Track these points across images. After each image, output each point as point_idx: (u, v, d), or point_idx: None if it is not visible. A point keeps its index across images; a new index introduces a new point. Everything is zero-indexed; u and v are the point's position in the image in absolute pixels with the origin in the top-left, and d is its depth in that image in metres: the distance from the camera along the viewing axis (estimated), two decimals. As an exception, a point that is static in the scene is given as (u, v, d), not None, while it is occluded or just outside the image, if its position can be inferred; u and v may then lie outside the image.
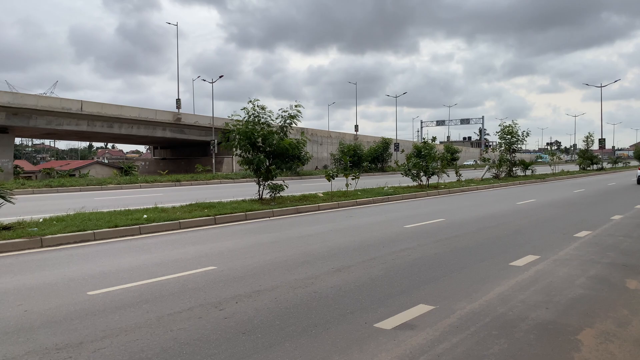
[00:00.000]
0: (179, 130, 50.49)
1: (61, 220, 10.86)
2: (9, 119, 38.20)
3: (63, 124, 41.58)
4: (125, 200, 18.11)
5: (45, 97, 47.87)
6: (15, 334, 4.63)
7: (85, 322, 4.96)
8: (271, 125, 16.27)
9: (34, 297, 5.85)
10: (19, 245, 8.86)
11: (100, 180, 28.55)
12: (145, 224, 10.88)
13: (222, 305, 5.51)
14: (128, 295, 5.94)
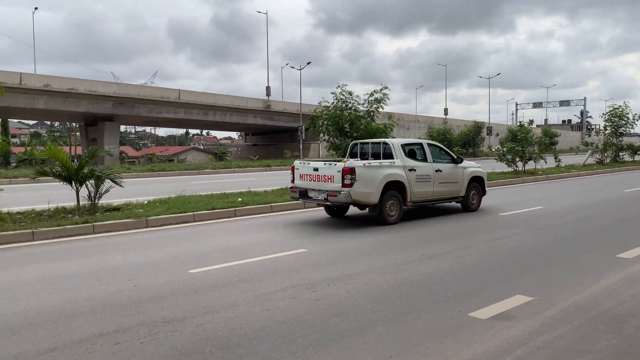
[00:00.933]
0: (268, 117, 51.88)
1: (164, 203, 11.61)
2: (115, 108, 41.26)
3: (162, 112, 44.22)
4: (220, 184, 18.97)
5: (147, 87, 51.19)
6: (127, 307, 5.03)
7: (188, 298, 5.28)
8: (358, 110, 16.23)
9: (142, 274, 6.31)
10: (128, 225, 9.60)
11: (197, 165, 30.13)
12: (240, 207, 11.35)
13: (314, 287, 5.63)
14: (226, 274, 6.24)
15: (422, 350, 3.96)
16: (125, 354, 3.90)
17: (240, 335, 4.28)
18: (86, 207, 10.51)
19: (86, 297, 5.34)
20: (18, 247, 8.08)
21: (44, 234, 8.64)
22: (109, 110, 41.13)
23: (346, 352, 3.93)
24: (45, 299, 5.30)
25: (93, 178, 10.52)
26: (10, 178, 20.49)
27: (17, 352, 3.94)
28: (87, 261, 7.04)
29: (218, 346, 4.05)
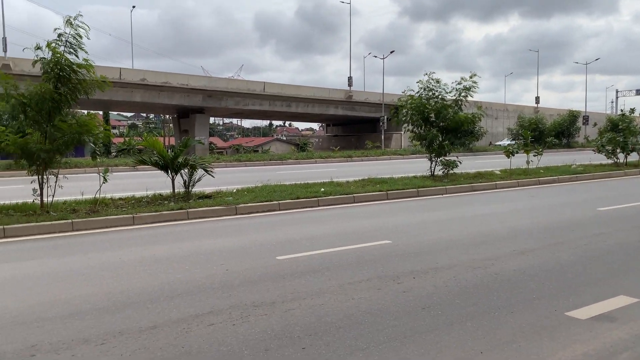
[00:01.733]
0: (350, 107, 51.92)
1: (251, 192, 12.00)
2: (205, 101, 43.17)
3: (248, 104, 45.64)
4: (303, 174, 19.28)
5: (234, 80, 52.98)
6: (219, 290, 5.26)
7: (276, 284, 5.43)
8: (445, 98, 15.78)
9: (233, 259, 6.58)
10: (218, 212, 10.03)
11: (281, 156, 30.83)
12: (323, 197, 11.48)
13: (399, 279, 5.58)
14: (311, 262, 6.35)
15: (514, 348, 3.81)
16: (219, 335, 4.08)
17: (327, 322, 4.34)
18: (180, 194, 11.11)
19: (182, 279, 5.65)
20: (120, 230, 8.71)
21: (143, 219, 9.25)
22: (200, 103, 43.10)
23: (434, 346, 3.86)
24: (146, 279, 5.67)
25: (187, 167, 11.08)
26: (112, 166, 22.12)
27: (122, 328, 4.25)
28: (182, 245, 7.44)
29: (306, 332, 4.13)
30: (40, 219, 8.73)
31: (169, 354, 3.75)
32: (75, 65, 9.48)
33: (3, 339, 4.00)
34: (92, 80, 9.78)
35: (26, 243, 7.73)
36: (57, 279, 5.69)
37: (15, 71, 31.36)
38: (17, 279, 5.67)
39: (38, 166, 9.46)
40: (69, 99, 9.56)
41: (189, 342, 3.95)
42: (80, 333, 4.13)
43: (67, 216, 8.90)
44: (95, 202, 10.10)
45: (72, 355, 3.74)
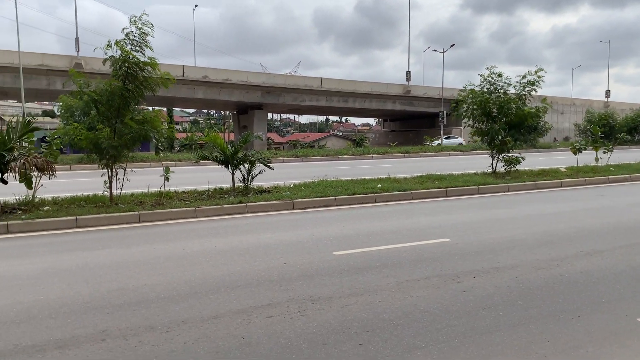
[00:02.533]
0: (407, 102, 51.24)
1: (307, 187, 12.11)
2: (263, 97, 43.92)
3: (305, 100, 45.99)
4: (359, 169, 19.24)
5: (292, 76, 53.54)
6: (278, 283, 5.35)
7: (332, 279, 5.45)
8: (508, 93, 15.26)
9: (290, 252, 6.66)
10: (276, 206, 10.19)
11: (337, 151, 30.87)
12: (380, 193, 11.41)
13: (459, 278, 5.46)
14: (368, 258, 6.33)
15: (582, 354, 3.65)
16: (277, 327, 4.15)
17: (384, 319, 4.32)
18: (240, 189, 11.37)
19: (242, 271, 5.79)
20: (183, 222, 9.02)
21: (205, 212, 9.54)
22: (258, 99, 43.88)
23: (495, 347, 3.76)
24: (208, 270, 5.85)
25: (247, 162, 11.32)
26: (175, 161, 22.97)
27: (185, 317, 4.41)
28: (242, 238, 7.62)
29: (363, 328, 4.13)
30: (109, 210, 9.19)
31: (229, 344, 3.86)
32: (142, 63, 9.87)
33: (77, 324, 4.25)
34: (157, 77, 10.16)
35: (97, 233, 8.15)
36: (125, 268, 5.97)
37: (87, 69, 33.09)
38: (89, 267, 6.00)
39: (108, 160, 9.94)
40: (137, 96, 9.98)
41: (249, 333, 4.05)
42: (146, 320, 4.32)
43: (134, 208, 9.32)
44: (160, 195, 10.51)
45: (139, 341, 3.92)
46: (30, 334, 4.04)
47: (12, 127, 9.60)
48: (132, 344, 3.87)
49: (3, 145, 8.84)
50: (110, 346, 3.83)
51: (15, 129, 9.57)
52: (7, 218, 8.43)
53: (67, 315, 4.41)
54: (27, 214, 8.73)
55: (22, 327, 4.16)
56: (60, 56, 36.32)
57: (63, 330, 4.10)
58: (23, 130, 9.62)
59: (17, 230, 8.12)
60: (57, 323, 4.25)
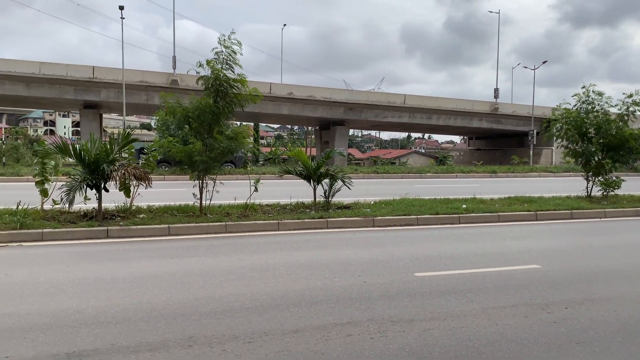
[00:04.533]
0: (495, 120, 49.47)
1: (388, 204, 12.00)
2: (345, 113, 44.29)
3: (388, 116, 45.80)
4: (442, 189, 18.78)
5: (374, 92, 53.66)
6: (357, 301, 5.33)
7: (414, 301, 5.34)
8: (608, 112, 14.30)
9: (370, 271, 6.61)
10: (356, 223, 10.19)
11: (419, 169, 30.38)
12: (464, 214, 11.06)
13: (549, 308, 5.15)
14: (452, 281, 6.14)
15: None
16: (357, 347, 4.13)
17: (467, 346, 4.16)
18: (321, 204, 11.50)
19: (322, 286, 5.83)
20: (267, 234, 9.26)
21: (287, 225, 9.74)
22: (341, 115, 44.33)
23: (591, 387, 3.50)
24: (289, 284, 5.95)
25: (328, 177, 11.44)
26: (260, 174, 23.70)
27: (267, 329, 4.50)
28: (322, 253, 7.69)
29: (445, 353, 4.01)
30: (199, 220, 9.64)
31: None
32: (231, 80, 10.33)
33: (166, 328, 4.47)
34: (246, 94, 10.58)
35: (187, 241, 8.57)
36: (212, 276, 6.22)
37: (182, 86, 35.18)
38: (179, 274, 6.31)
39: (199, 172, 10.46)
40: (226, 112, 10.45)
41: (328, 350, 4.05)
42: (230, 330, 4.46)
43: (221, 219, 9.71)
44: (246, 207, 10.88)
45: (223, 349, 4.05)
46: (125, 335, 4.30)
47: (114, 139, 10.37)
48: (217, 351, 4.01)
49: (106, 156, 9.56)
50: (197, 352, 3.99)
51: (116, 141, 10.33)
52: (107, 224, 9.09)
53: (158, 320, 4.66)
54: (125, 220, 9.37)
55: (119, 328, 4.44)
56: (159, 73, 38.92)
57: (154, 334, 4.34)
58: (123, 142, 10.35)
59: (115, 236, 8.73)
60: (149, 326, 4.50)
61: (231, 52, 10.25)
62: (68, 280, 5.89)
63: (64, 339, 4.17)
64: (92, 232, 8.67)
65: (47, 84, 35.66)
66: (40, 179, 9.99)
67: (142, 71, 38.06)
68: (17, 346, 4.03)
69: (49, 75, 35.02)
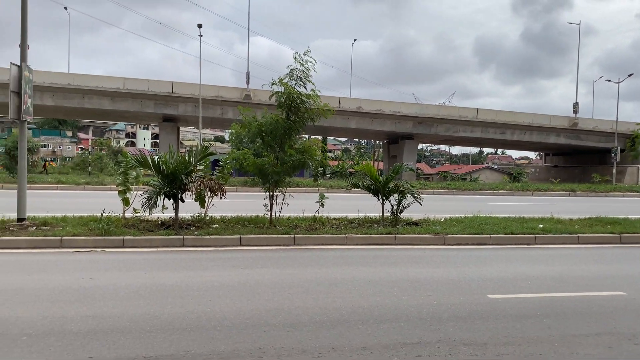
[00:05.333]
0: (574, 135, 47.08)
1: (459, 222, 11.68)
2: (415, 127, 43.78)
3: (459, 130, 44.78)
4: (517, 207, 18.04)
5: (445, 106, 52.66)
6: (428, 322, 5.20)
7: (487, 324, 5.14)
8: None
9: (441, 290, 6.44)
10: (425, 240, 9.99)
11: (492, 185, 29.38)
12: (541, 234, 10.55)
13: (637, 339, 4.79)
14: (527, 305, 5.86)
15: None
16: (427, 368, 4.03)
17: (546, 376, 3.94)
18: (389, 219, 11.38)
19: (390, 304, 5.75)
20: (334, 248, 9.28)
21: (354, 240, 9.71)
22: (410, 130, 43.89)
23: None
24: (357, 300, 5.92)
25: (397, 192, 11.32)
26: (327, 187, 23.85)
27: (335, 344, 4.49)
28: (390, 270, 7.58)
29: (521, 383, 3.82)
30: (268, 231, 9.83)
31: (378, 379, 3.83)
32: (304, 96, 10.54)
33: (237, 338, 4.57)
34: (318, 109, 10.74)
35: (257, 252, 8.76)
36: (281, 288, 6.30)
37: (254, 100, 36.26)
38: (250, 285, 6.45)
39: (270, 185, 10.69)
40: (298, 126, 10.66)
41: (397, 370, 3.98)
42: (299, 343, 4.49)
43: (290, 231, 9.86)
44: (314, 220, 10.97)
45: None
46: (199, 342, 4.44)
47: (192, 152, 10.84)
48: (286, 364, 4.04)
49: (184, 168, 10.00)
50: (266, 364, 4.04)
51: (193, 154, 10.80)
52: (183, 233, 9.47)
53: (230, 329, 4.78)
54: (199, 230, 9.72)
55: (192, 335, 4.59)
56: (233, 88, 40.35)
57: (226, 343, 4.44)
58: (201, 155, 10.79)
59: (190, 245, 9.07)
60: (221, 335, 4.62)
61: (305, 69, 10.49)
62: (146, 286, 6.18)
63: (142, 343, 4.37)
64: (168, 240, 9.07)
65: (130, 99, 37.95)
66: (123, 189, 10.59)
67: (218, 86, 39.63)
68: (100, 347, 4.27)
69: (132, 90, 37.26)
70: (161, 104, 38.72)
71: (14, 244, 8.49)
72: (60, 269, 7.18)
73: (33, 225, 9.59)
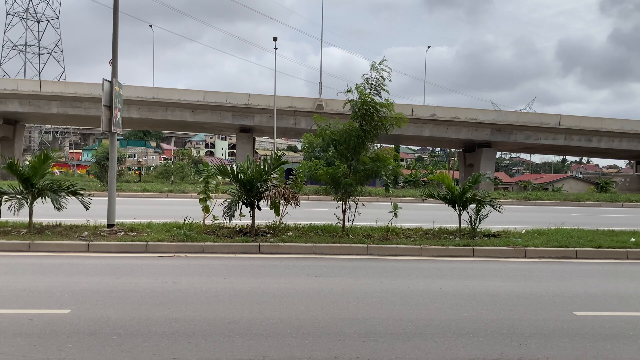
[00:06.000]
0: (670, 142, 43.51)
1: (542, 234, 11.11)
2: (492, 135, 42.28)
3: (540, 138, 42.72)
4: (605, 219, 16.91)
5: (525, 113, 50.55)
6: (509, 337, 4.98)
7: (574, 343, 4.85)
8: None
9: (522, 305, 6.16)
10: (505, 252, 9.60)
11: (577, 196, 27.77)
12: (633, 249, 9.82)
13: None
14: (619, 324, 5.47)
15: None
16: (509, 387, 3.85)
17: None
18: (466, 230, 11.05)
19: (468, 318, 5.56)
20: (408, 259, 9.14)
21: (430, 251, 9.51)
22: (487, 137, 42.45)
23: None
24: (433, 312, 5.78)
25: (474, 202, 10.97)
26: (400, 197, 23.59)
27: (412, 357, 4.41)
28: (468, 283, 7.35)
29: (614, 408, 3.56)
30: (341, 240, 9.85)
31: (456, 395, 3.71)
32: (378, 105, 10.51)
33: (313, 346, 4.61)
34: (391, 118, 10.67)
35: (330, 261, 8.80)
36: (355, 298, 6.29)
37: (326, 110, 36.63)
38: (324, 293, 6.49)
39: (342, 194, 10.73)
40: (371, 136, 10.64)
41: (477, 387, 3.84)
42: (374, 353, 4.45)
43: (363, 241, 9.82)
44: (387, 230, 10.87)
45: (367, 373, 4.05)
46: (276, 348, 4.52)
47: (266, 161, 11.12)
48: (361, 375, 4.02)
49: (260, 177, 10.27)
50: (342, 373, 4.04)
51: (267, 163, 11.06)
52: (259, 239, 9.71)
53: (305, 337, 4.83)
54: (275, 237, 9.93)
55: (270, 341, 4.69)
56: (306, 99, 41.01)
57: (302, 350, 4.49)
58: (275, 164, 11.04)
59: (266, 251, 9.28)
60: (297, 342, 4.68)
61: (380, 78, 10.48)
62: (225, 291, 6.39)
63: (221, 347, 4.52)
64: (246, 246, 9.33)
65: (209, 110, 39.59)
66: (204, 197, 11.03)
67: (291, 97, 40.46)
68: (183, 350, 4.45)
69: (211, 102, 38.88)
70: (238, 115, 40.06)
71: (105, 248, 9.08)
72: (145, 273, 7.59)
73: (121, 231, 10.21)
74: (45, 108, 38.57)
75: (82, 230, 9.99)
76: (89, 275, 7.19)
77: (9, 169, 9.98)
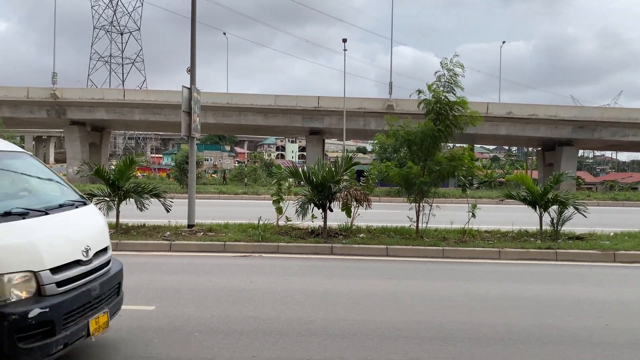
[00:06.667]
0: None
1: (633, 237, 10.37)
2: (574, 132, 39.98)
3: (628, 134, 39.90)
4: None
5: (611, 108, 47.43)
6: (599, 346, 4.69)
7: (674, 355, 4.47)
8: None
9: (612, 313, 5.77)
10: (592, 256, 9.03)
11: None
12: None
13: None
14: None
15: None
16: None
17: None
18: (548, 233, 10.51)
19: (553, 325, 5.28)
20: (485, 263, 8.82)
21: (509, 254, 9.13)
22: (568, 135, 40.22)
23: None
24: (513, 317, 5.54)
25: (557, 203, 10.42)
26: (476, 198, 22.84)
27: (493, 362, 4.25)
28: (550, 288, 6.99)
29: None
30: (415, 243, 9.69)
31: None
32: (452, 103, 10.23)
33: (389, 349, 4.56)
34: (466, 116, 10.36)
35: (403, 263, 8.68)
36: (431, 301, 6.16)
37: (397, 110, 36.22)
38: (398, 295, 6.41)
39: (416, 195, 10.55)
40: (446, 135, 10.38)
41: (565, 398, 3.63)
42: (452, 358, 4.34)
43: (438, 243, 9.61)
44: (464, 232, 10.56)
45: (446, 378, 3.95)
46: (352, 350, 4.52)
47: (337, 163, 11.16)
48: (440, 380, 3.93)
49: (332, 178, 10.32)
50: (419, 377, 3.97)
51: (338, 164, 11.09)
52: (331, 241, 9.76)
53: (381, 339, 4.78)
54: (347, 239, 9.93)
55: (345, 342, 4.69)
56: (375, 99, 40.79)
57: (379, 352, 4.46)
58: (346, 165, 11.05)
59: (338, 253, 9.31)
60: (374, 344, 4.65)
61: (452, 75, 10.21)
62: (300, 291, 6.47)
63: (298, 346, 4.58)
64: (318, 247, 9.41)
65: (280, 114, 40.36)
66: (277, 198, 11.25)
67: (361, 98, 40.37)
68: (261, 348, 4.55)
69: (282, 106, 39.61)
70: (308, 118, 40.53)
71: (186, 247, 9.48)
72: (224, 271, 7.85)
73: (200, 231, 10.62)
74: (128, 115, 40.96)
75: (164, 231, 10.49)
76: (171, 274, 7.53)
77: (97, 175, 10.66)
